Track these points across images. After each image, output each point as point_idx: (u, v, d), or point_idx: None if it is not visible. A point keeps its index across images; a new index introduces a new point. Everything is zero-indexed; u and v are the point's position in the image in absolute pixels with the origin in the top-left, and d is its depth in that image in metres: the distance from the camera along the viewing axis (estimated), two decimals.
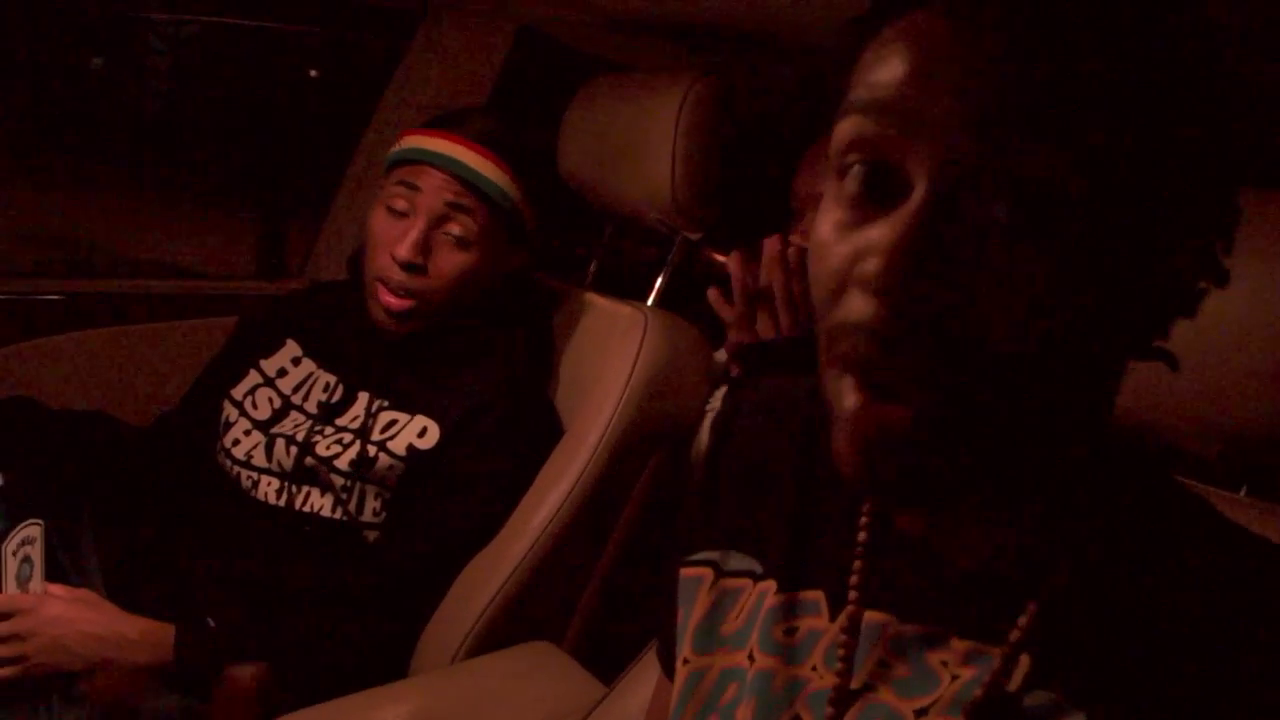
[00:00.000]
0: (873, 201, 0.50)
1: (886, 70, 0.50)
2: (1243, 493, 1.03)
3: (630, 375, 1.43)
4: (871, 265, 0.47)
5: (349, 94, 2.40)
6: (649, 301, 1.66)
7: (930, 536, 0.60)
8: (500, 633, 1.36)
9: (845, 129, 0.51)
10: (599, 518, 1.44)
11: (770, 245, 1.31)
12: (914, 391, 0.48)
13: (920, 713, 0.57)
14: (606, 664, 1.33)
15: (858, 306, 0.49)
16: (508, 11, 1.82)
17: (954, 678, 0.56)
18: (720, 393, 1.41)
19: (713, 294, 1.29)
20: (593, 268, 1.81)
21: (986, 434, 0.49)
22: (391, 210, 1.43)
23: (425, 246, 1.41)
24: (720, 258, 2.82)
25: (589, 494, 1.40)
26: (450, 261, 1.43)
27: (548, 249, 1.66)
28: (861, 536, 0.64)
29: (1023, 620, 0.55)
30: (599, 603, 1.49)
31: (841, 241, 0.51)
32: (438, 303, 1.44)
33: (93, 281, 1.80)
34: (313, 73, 2.58)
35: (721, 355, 1.59)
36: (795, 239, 1.34)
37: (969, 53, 0.47)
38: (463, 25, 1.84)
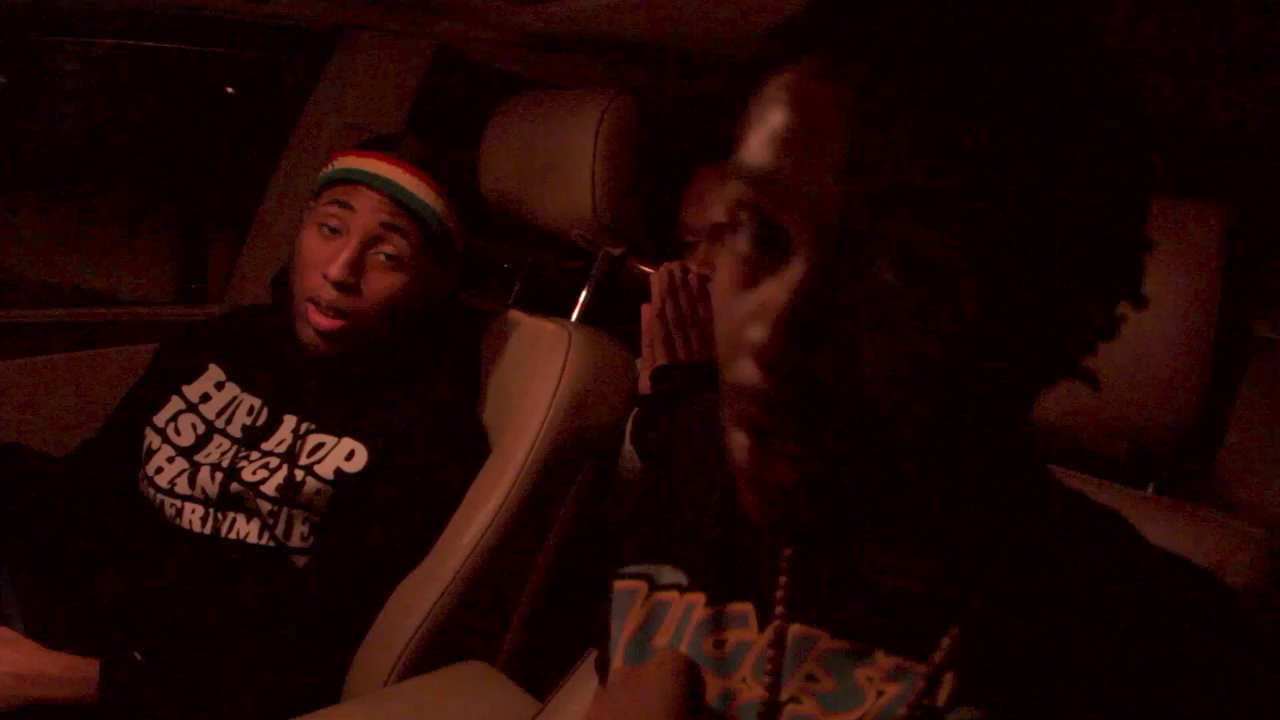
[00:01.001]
0: (763, 259, 0.51)
1: (765, 135, 0.49)
2: (1150, 490, 1.07)
3: (555, 392, 1.44)
4: (755, 334, 0.48)
5: (268, 112, 2.38)
6: (573, 317, 1.67)
7: (852, 556, 0.61)
8: (433, 653, 1.36)
9: (732, 189, 0.52)
10: (528, 534, 1.44)
11: (658, 278, 1.34)
12: (800, 449, 0.49)
13: None
14: (540, 680, 1.33)
15: (747, 372, 0.50)
16: (425, 30, 1.82)
17: (879, 694, 0.58)
18: (633, 412, 1.43)
19: (646, 312, 1.31)
20: (517, 285, 1.81)
21: (877, 480, 0.50)
22: (323, 230, 1.42)
23: (358, 266, 1.40)
24: (648, 269, 2.84)
25: (518, 511, 1.40)
26: (382, 282, 1.42)
27: (472, 266, 1.66)
28: (786, 553, 0.65)
29: (945, 640, 0.56)
30: (531, 619, 1.49)
31: (735, 302, 0.52)
32: (368, 323, 1.43)
33: (5, 311, 1.76)
34: (230, 90, 2.54)
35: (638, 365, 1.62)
36: (693, 267, 1.36)
37: (844, 116, 0.46)
38: (380, 45, 1.83)
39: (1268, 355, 1.73)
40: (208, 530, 1.42)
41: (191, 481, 1.43)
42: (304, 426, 1.44)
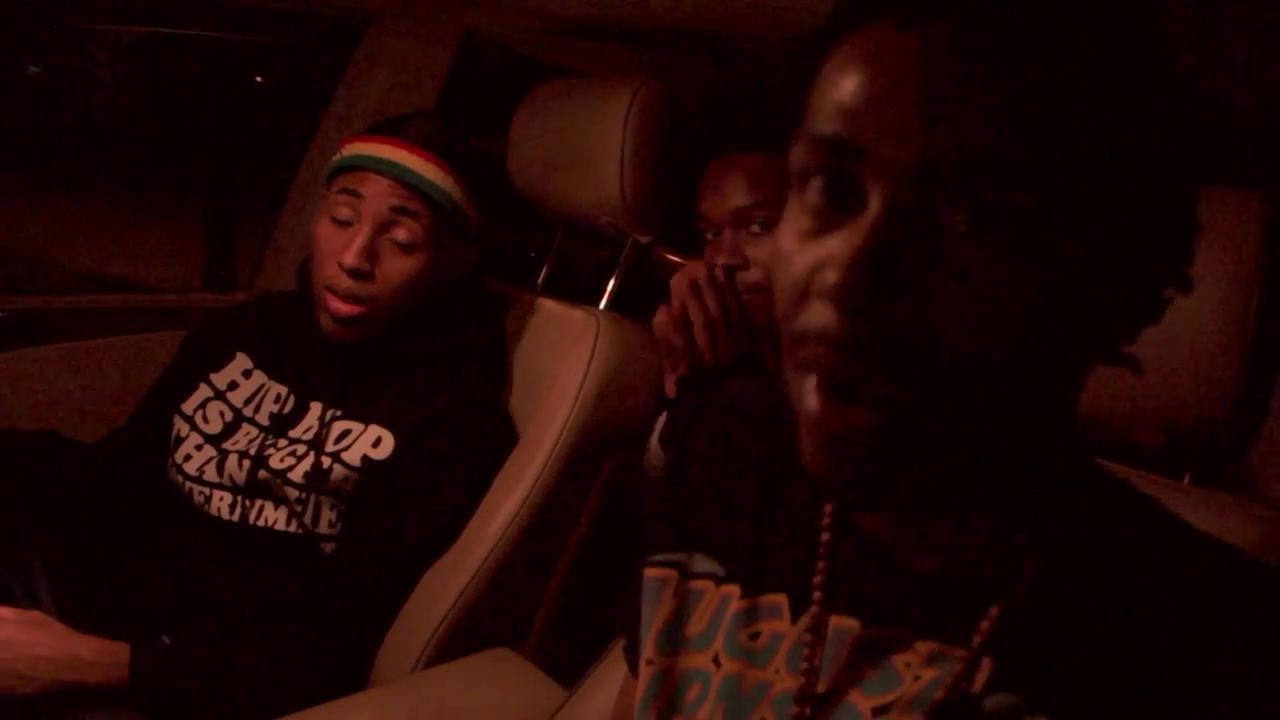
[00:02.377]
0: (833, 212, 0.51)
1: (843, 90, 0.50)
2: (1186, 480, 1.05)
3: (583, 380, 1.44)
4: (831, 276, 0.48)
5: (296, 100, 2.39)
6: (601, 305, 1.66)
7: (892, 540, 0.61)
8: (460, 641, 1.36)
9: (804, 147, 0.52)
10: (556, 522, 1.45)
11: (678, 283, 1.33)
12: (874, 394, 0.49)
13: (878, 710, 0.58)
14: (567, 668, 1.33)
15: (819, 315, 0.50)
16: (453, 18, 1.81)
17: (916, 678, 0.57)
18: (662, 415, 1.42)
19: (662, 315, 1.30)
20: (544, 272, 1.81)
21: (946, 437, 0.50)
22: (336, 219, 1.42)
23: (371, 252, 1.40)
24: (676, 258, 2.84)
25: (545, 499, 1.41)
26: (397, 267, 1.42)
27: (499, 253, 1.66)
28: (824, 539, 0.64)
29: (985, 623, 0.56)
30: (558, 607, 1.49)
31: (803, 251, 0.52)
32: (386, 308, 1.43)
33: (37, 298, 1.77)
34: (258, 79, 2.56)
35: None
36: (721, 259, 1.35)
37: (923, 74, 0.47)
38: (408, 32, 1.83)
39: None
40: (236, 517, 1.42)
41: (220, 469, 1.44)
42: (330, 414, 1.45)
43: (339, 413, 1.45)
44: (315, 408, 1.46)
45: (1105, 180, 0.48)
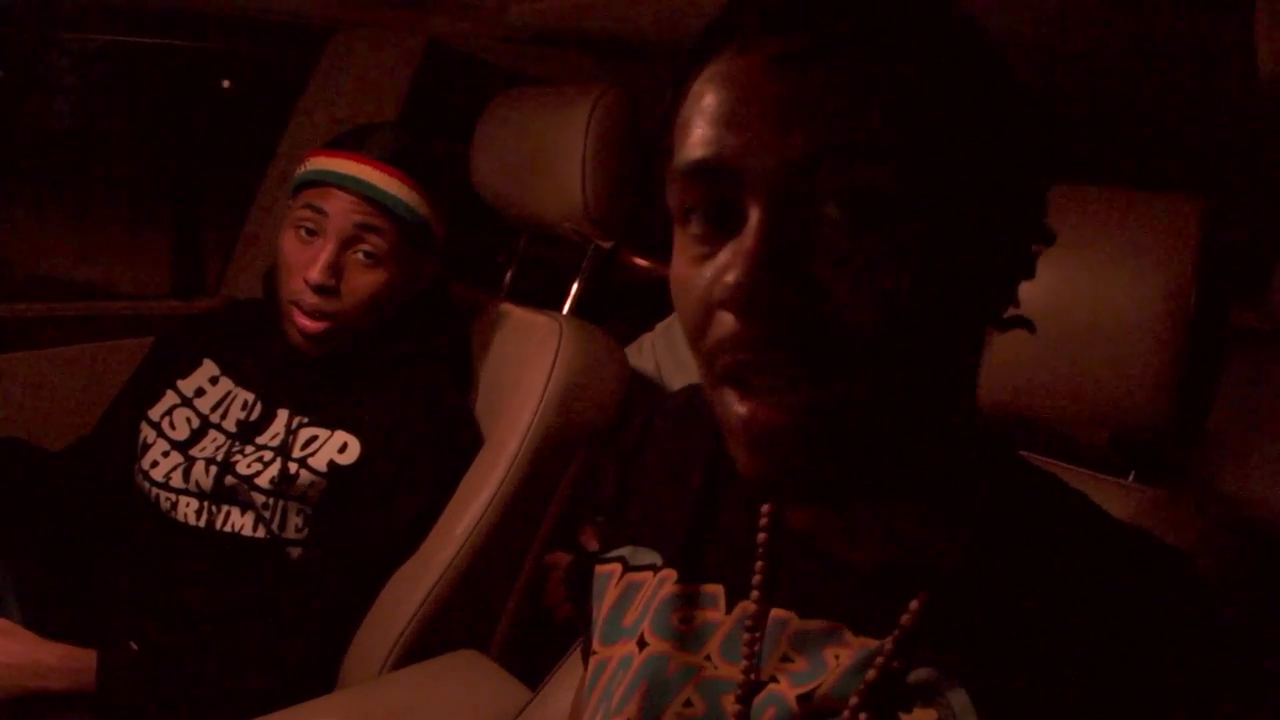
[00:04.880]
0: (718, 233, 0.54)
1: (702, 119, 0.54)
2: (1130, 478, 1.08)
3: (547, 383, 1.45)
4: (728, 280, 0.51)
5: (263, 104, 2.39)
6: (564, 309, 1.68)
7: (823, 535, 0.64)
8: (427, 642, 1.37)
9: (679, 183, 0.56)
10: (521, 524, 1.46)
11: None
12: (789, 391, 0.52)
13: (803, 699, 0.61)
14: (533, 670, 1.35)
15: (724, 324, 0.53)
16: (417, 26, 1.83)
17: (839, 664, 0.60)
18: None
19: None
20: (508, 277, 1.83)
21: (862, 422, 0.53)
22: (300, 233, 1.43)
23: (337, 268, 1.41)
24: (642, 261, 2.86)
25: (510, 501, 1.42)
26: (362, 281, 1.43)
27: (463, 259, 1.67)
28: (761, 537, 0.67)
29: (908, 614, 0.59)
30: (524, 609, 1.51)
31: (697, 275, 0.55)
32: (352, 322, 1.44)
33: (1, 305, 1.77)
34: (225, 83, 2.56)
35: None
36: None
37: (769, 89, 0.52)
38: (373, 40, 1.84)
39: (1254, 345, 1.75)
40: (202, 523, 1.43)
41: (186, 475, 1.45)
42: (296, 420, 1.46)
43: (305, 419, 1.46)
44: (282, 415, 1.47)
45: (945, 155, 0.52)
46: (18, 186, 2.28)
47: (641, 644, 0.69)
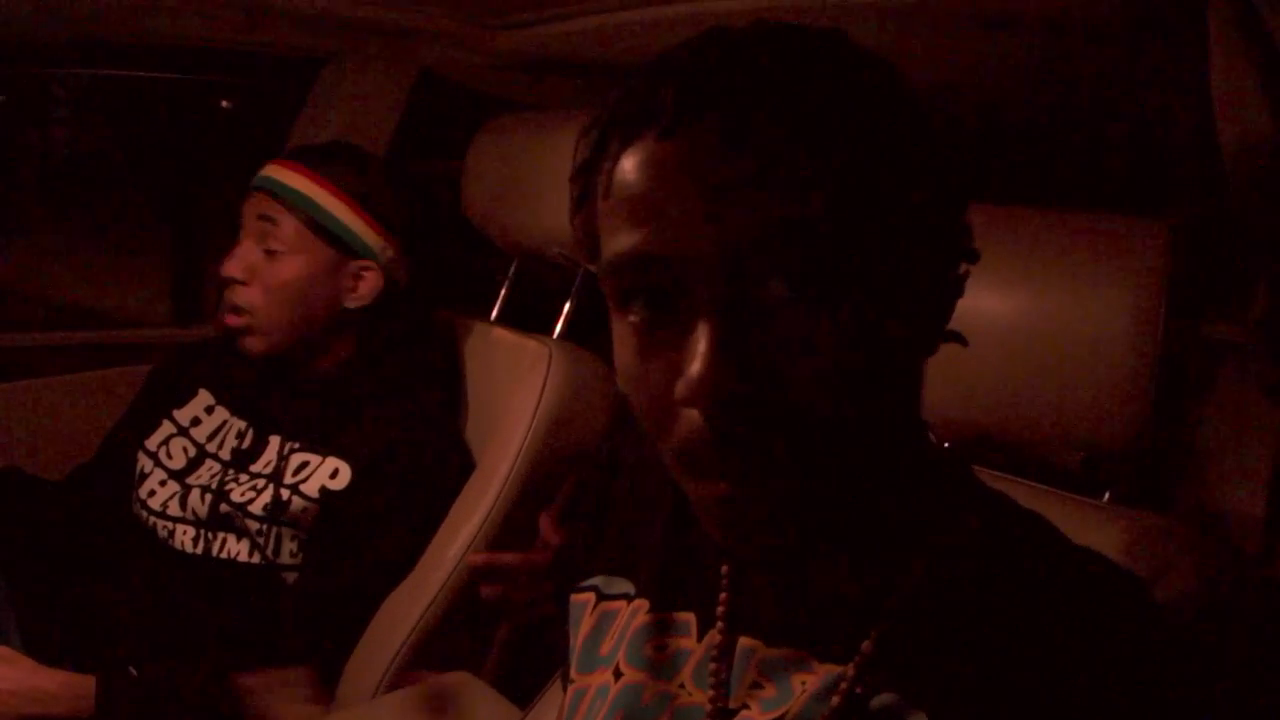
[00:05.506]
0: (660, 319, 0.54)
1: (629, 209, 0.53)
2: (1105, 498, 1.10)
3: (536, 408, 1.47)
4: (691, 376, 0.50)
5: (260, 132, 2.41)
6: (555, 333, 1.70)
7: (786, 567, 0.66)
8: (420, 665, 1.39)
9: (612, 280, 0.55)
10: (512, 546, 1.47)
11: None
12: (760, 475, 0.53)
13: None
14: (525, 692, 1.37)
15: (689, 421, 0.53)
16: (409, 55, 1.85)
17: (804, 690, 0.62)
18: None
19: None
20: (499, 301, 1.85)
21: (830, 492, 0.54)
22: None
23: (249, 265, 1.48)
24: None
25: (501, 525, 1.44)
26: (268, 274, 1.48)
27: (456, 283, 1.69)
28: (725, 569, 0.69)
29: (868, 641, 0.60)
30: (515, 631, 1.53)
31: (648, 370, 0.55)
32: (269, 317, 1.48)
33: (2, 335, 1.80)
34: (225, 103, 2.58)
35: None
36: None
37: (695, 174, 0.51)
38: (365, 68, 1.87)
39: (1235, 359, 1.76)
40: (199, 550, 1.46)
41: (183, 503, 1.47)
42: (289, 446, 1.48)
43: (297, 445, 1.48)
44: (274, 441, 1.50)
45: (880, 215, 0.52)
46: (17, 214, 2.30)
47: (617, 674, 0.71)
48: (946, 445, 1.06)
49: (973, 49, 1.04)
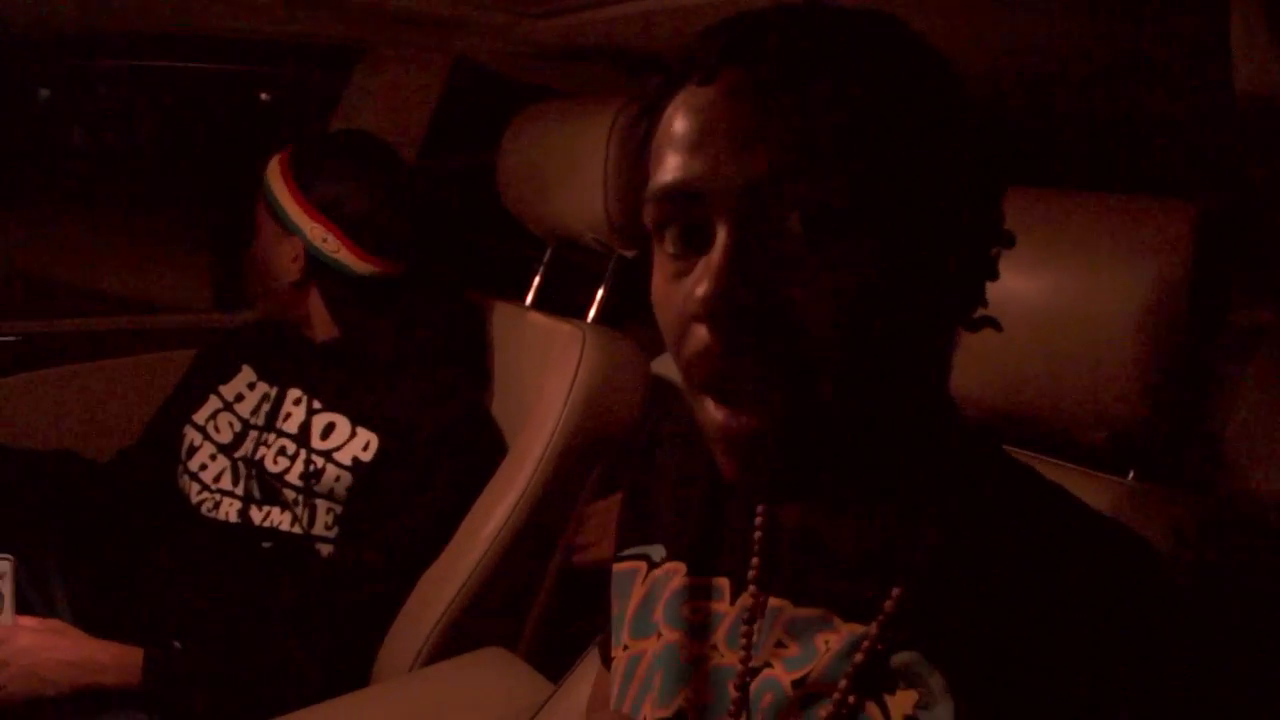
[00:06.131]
0: (690, 251, 0.59)
1: (670, 147, 0.58)
2: (1130, 476, 1.11)
3: (570, 390, 1.50)
4: (699, 294, 0.55)
5: (297, 125, 2.45)
6: (589, 318, 1.73)
7: (813, 528, 0.68)
8: (456, 640, 1.42)
9: (652, 205, 0.60)
10: (546, 526, 1.51)
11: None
12: (762, 398, 0.56)
13: (797, 683, 0.65)
14: (557, 666, 1.39)
15: (698, 336, 0.57)
16: (444, 45, 1.88)
17: (828, 650, 0.64)
18: None
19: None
20: (534, 285, 1.87)
21: (834, 424, 0.57)
22: None
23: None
24: None
25: (535, 504, 1.47)
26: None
27: (491, 267, 1.70)
28: (757, 535, 0.72)
29: (890, 600, 0.63)
30: (549, 607, 1.55)
31: (673, 291, 0.59)
32: (253, 281, 1.63)
33: (49, 321, 1.85)
34: (264, 95, 2.62)
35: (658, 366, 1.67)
36: None
37: (727, 116, 0.56)
38: (401, 58, 1.90)
39: (1270, 342, 1.75)
40: (241, 520, 1.50)
41: (232, 476, 1.52)
42: (314, 403, 1.53)
43: (318, 404, 1.53)
44: (296, 394, 1.56)
45: (895, 169, 0.55)
46: (63, 204, 2.35)
47: (659, 635, 0.74)
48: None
49: (993, 28, 1.05)
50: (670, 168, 0.58)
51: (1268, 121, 0.88)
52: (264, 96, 2.61)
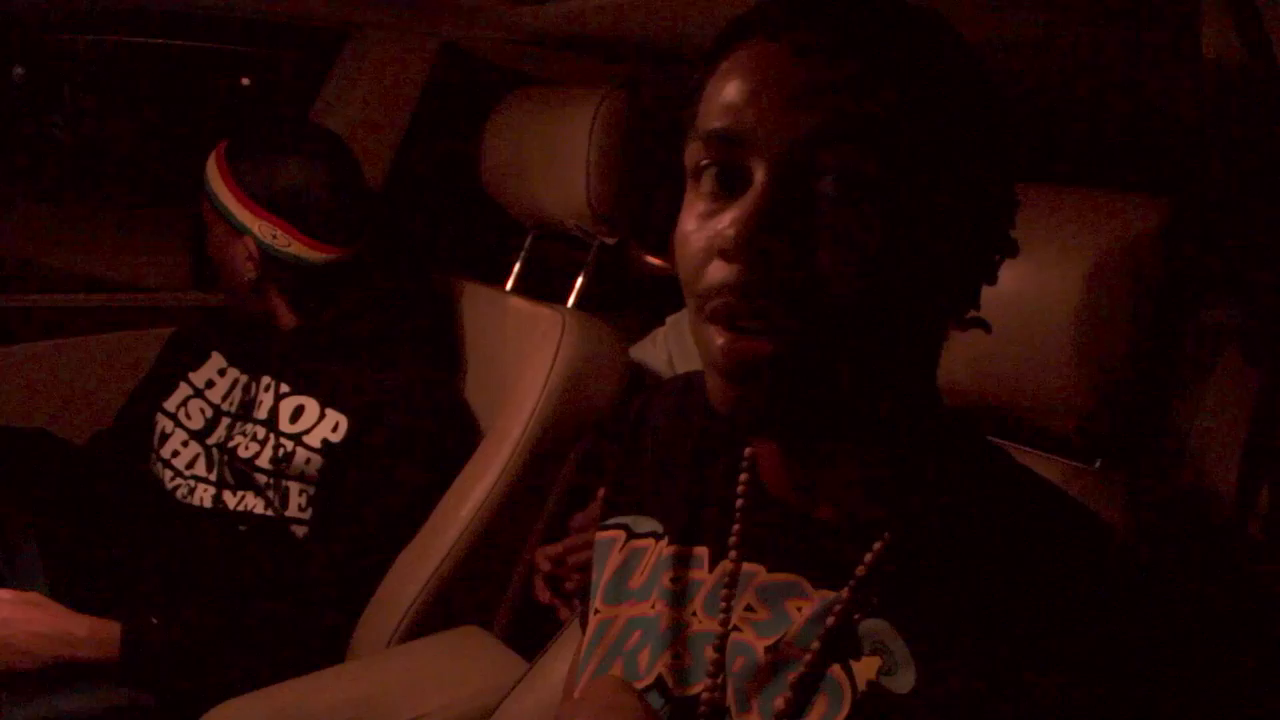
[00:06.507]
0: (725, 194, 0.62)
1: (727, 93, 0.61)
2: (1097, 464, 1.14)
3: (549, 373, 1.51)
4: (729, 233, 0.58)
5: (278, 106, 2.45)
6: (568, 303, 1.74)
7: (792, 494, 0.71)
8: (432, 618, 1.44)
9: (697, 144, 0.63)
10: (524, 507, 1.52)
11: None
12: (771, 331, 0.59)
13: (770, 649, 0.67)
14: (533, 645, 1.41)
15: (720, 271, 0.60)
16: (430, 29, 1.89)
17: (799, 610, 0.67)
18: None
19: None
20: (514, 271, 1.89)
21: (830, 366, 0.59)
22: None
23: None
24: (655, 260, 2.90)
25: (513, 485, 1.49)
26: None
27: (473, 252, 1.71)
28: (740, 502, 0.74)
29: (862, 566, 0.65)
30: (525, 587, 1.57)
31: (701, 229, 0.62)
32: (217, 274, 1.63)
33: (24, 296, 1.84)
34: (245, 80, 2.61)
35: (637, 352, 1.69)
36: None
37: (786, 73, 0.59)
38: (386, 42, 1.90)
39: (1235, 343, 1.79)
40: (215, 506, 1.51)
41: (208, 463, 1.53)
42: (282, 387, 1.54)
43: (286, 388, 1.54)
44: (265, 381, 1.56)
45: (929, 149, 0.59)
46: (41, 184, 2.33)
47: (653, 608, 0.76)
48: None
49: (973, 25, 1.07)
50: (722, 113, 0.61)
51: (1233, 94, 0.91)
52: (245, 81, 2.60)
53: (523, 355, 1.58)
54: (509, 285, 1.87)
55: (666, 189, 1.89)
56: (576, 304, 1.75)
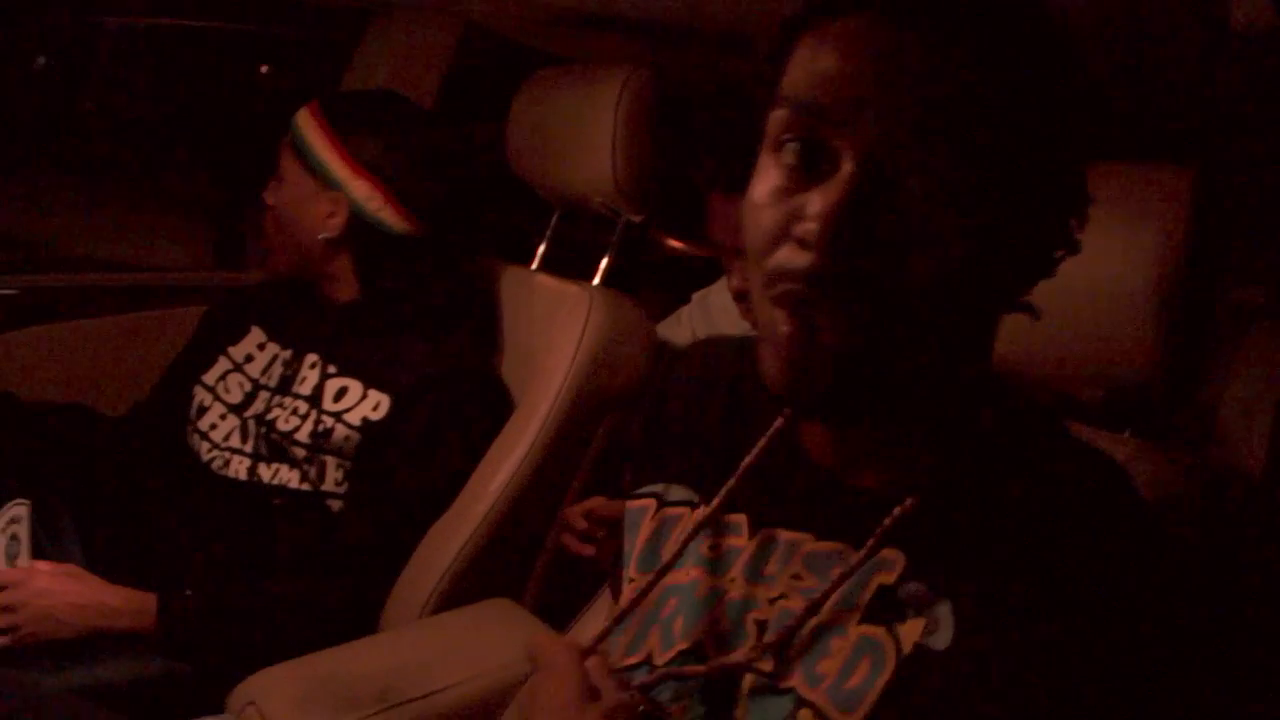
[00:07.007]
0: (805, 171, 0.60)
1: (821, 67, 0.59)
2: (1126, 434, 1.14)
3: (577, 349, 1.53)
4: (809, 226, 0.57)
5: (302, 88, 2.46)
6: (595, 281, 1.75)
7: (834, 463, 0.71)
8: (462, 591, 1.46)
9: (782, 115, 0.61)
10: (553, 481, 1.54)
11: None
12: (839, 324, 0.59)
13: (810, 610, 0.68)
14: (562, 618, 1.43)
15: (795, 256, 0.59)
16: (455, 9, 1.89)
17: (844, 578, 0.67)
18: None
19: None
20: (541, 249, 1.90)
21: (893, 357, 0.60)
22: None
23: (271, 192, 1.61)
24: (678, 244, 2.90)
25: (542, 460, 1.50)
26: (273, 197, 1.60)
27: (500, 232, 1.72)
28: (780, 470, 0.75)
29: (897, 511, 0.66)
30: (554, 560, 1.59)
31: (776, 205, 0.61)
32: (272, 237, 1.61)
33: (60, 276, 1.87)
34: (263, 69, 2.62)
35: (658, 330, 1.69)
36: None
37: (893, 60, 0.57)
38: (411, 22, 1.91)
39: (1263, 321, 1.80)
40: (251, 478, 1.52)
41: (244, 435, 1.54)
42: (327, 368, 1.55)
43: (333, 369, 1.55)
44: (312, 359, 1.57)
45: (1024, 158, 0.58)
46: (68, 167, 2.36)
47: (687, 575, 0.77)
48: None
49: None
50: (817, 83, 0.59)
51: (1262, 63, 0.91)
52: (264, 69, 2.62)
53: (550, 332, 1.59)
54: (534, 266, 1.88)
55: (689, 176, 1.89)
56: (603, 284, 1.76)
